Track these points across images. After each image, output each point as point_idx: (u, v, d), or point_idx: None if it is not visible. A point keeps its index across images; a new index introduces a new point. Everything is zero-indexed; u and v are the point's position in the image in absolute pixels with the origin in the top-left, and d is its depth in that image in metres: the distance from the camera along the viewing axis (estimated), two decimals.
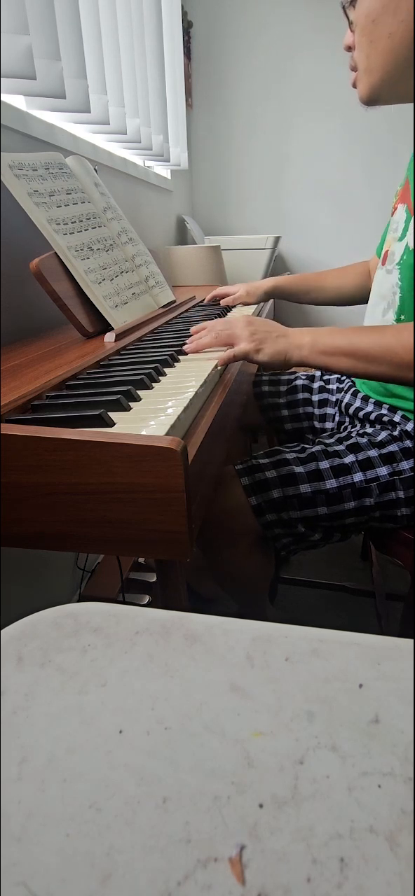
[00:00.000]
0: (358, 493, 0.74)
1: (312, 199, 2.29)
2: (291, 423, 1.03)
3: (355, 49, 0.70)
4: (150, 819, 0.18)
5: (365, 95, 0.71)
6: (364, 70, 0.69)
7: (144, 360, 0.63)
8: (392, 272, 0.77)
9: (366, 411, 0.85)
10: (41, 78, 0.89)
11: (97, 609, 0.28)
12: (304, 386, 1.02)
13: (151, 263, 1.03)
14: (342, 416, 0.94)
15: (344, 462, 0.74)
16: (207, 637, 0.26)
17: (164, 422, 0.43)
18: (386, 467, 0.74)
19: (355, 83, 0.73)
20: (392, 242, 0.79)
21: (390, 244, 0.80)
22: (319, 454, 0.75)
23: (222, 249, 1.72)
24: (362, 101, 0.73)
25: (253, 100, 2.22)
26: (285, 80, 2.17)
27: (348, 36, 0.72)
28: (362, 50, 0.68)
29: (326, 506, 0.73)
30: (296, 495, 0.73)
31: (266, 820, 0.18)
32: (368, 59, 0.68)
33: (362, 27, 0.67)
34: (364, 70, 0.69)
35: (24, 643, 0.26)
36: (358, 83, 0.72)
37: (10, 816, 0.19)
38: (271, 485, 0.74)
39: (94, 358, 0.65)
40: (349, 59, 0.73)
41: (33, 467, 0.40)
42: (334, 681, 0.23)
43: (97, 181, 0.96)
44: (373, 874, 0.16)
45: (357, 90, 0.72)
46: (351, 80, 0.73)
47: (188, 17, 2.10)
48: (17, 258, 0.86)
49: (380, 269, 0.83)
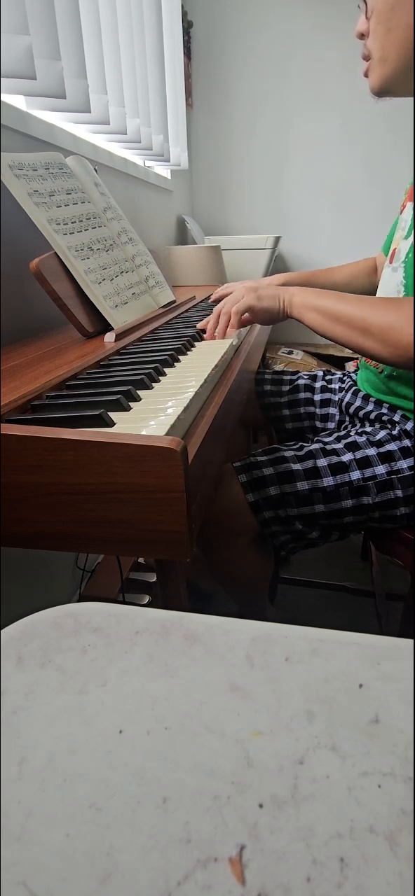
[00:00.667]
0: (356, 492, 0.74)
1: (312, 198, 2.29)
2: (291, 422, 1.03)
3: (368, 37, 0.69)
4: (150, 819, 0.18)
5: (377, 85, 0.70)
6: (378, 59, 0.68)
7: (144, 360, 0.63)
8: (398, 270, 0.77)
9: (366, 410, 0.85)
10: (41, 78, 0.89)
11: (97, 609, 0.28)
12: (306, 385, 1.02)
13: (151, 263, 1.03)
14: (343, 415, 0.94)
15: (342, 460, 0.74)
16: (207, 637, 0.26)
17: (164, 422, 0.43)
18: (384, 466, 0.74)
19: (366, 73, 0.71)
20: (400, 240, 0.79)
21: (397, 242, 0.80)
22: (316, 452, 0.75)
23: (222, 249, 1.72)
24: (373, 91, 0.71)
25: (253, 100, 2.22)
26: (285, 80, 2.17)
27: (361, 23, 0.70)
28: (378, 38, 0.67)
29: (323, 503, 0.73)
30: (293, 492, 0.73)
31: (266, 820, 0.18)
32: (383, 48, 0.67)
33: (380, 14, 0.66)
34: (378, 59, 0.68)
35: (24, 643, 0.26)
36: (370, 73, 0.70)
37: (10, 816, 0.19)
38: (269, 482, 0.74)
39: (95, 358, 0.65)
40: (362, 48, 0.71)
41: (33, 467, 0.40)
42: (334, 681, 0.23)
43: (97, 181, 0.96)
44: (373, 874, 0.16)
45: (369, 80, 0.71)
46: (363, 69, 0.72)
47: (188, 17, 2.09)
48: (17, 258, 0.86)
49: (387, 266, 0.83)
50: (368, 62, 0.71)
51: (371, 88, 0.71)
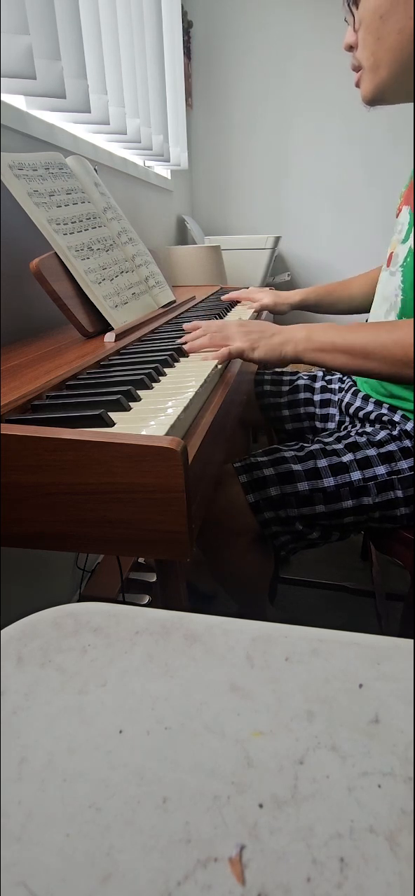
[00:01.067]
0: (356, 492, 0.74)
1: (312, 198, 2.29)
2: (291, 422, 1.03)
3: (357, 48, 0.69)
4: (150, 819, 0.18)
5: (369, 94, 0.70)
6: (370, 68, 0.68)
7: (144, 360, 0.63)
8: (396, 274, 0.77)
9: (366, 411, 0.85)
10: (41, 78, 0.89)
11: (97, 609, 0.28)
12: (305, 386, 1.02)
13: (151, 263, 1.03)
14: (343, 415, 0.94)
15: (342, 461, 0.74)
16: (207, 637, 0.26)
17: (164, 422, 0.43)
18: (384, 466, 0.74)
19: (358, 83, 0.72)
20: (397, 244, 0.79)
21: (394, 246, 0.80)
22: (317, 452, 0.75)
23: (222, 249, 1.72)
24: (366, 100, 0.72)
25: (253, 100, 2.22)
26: (285, 80, 2.17)
27: (349, 35, 0.70)
28: (368, 47, 0.67)
29: (323, 504, 0.73)
30: (293, 493, 0.73)
31: (266, 820, 0.18)
32: (374, 56, 0.67)
33: (369, 23, 0.66)
34: (370, 68, 0.68)
35: (24, 643, 0.26)
36: (362, 82, 0.70)
37: (10, 816, 0.19)
38: (269, 482, 0.74)
39: (95, 358, 0.65)
40: (351, 59, 0.72)
41: (33, 467, 0.40)
42: (334, 681, 0.23)
43: (97, 181, 0.96)
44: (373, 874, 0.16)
45: (361, 90, 0.71)
46: (355, 79, 0.72)
47: (188, 17, 2.09)
48: (17, 258, 0.86)
49: (384, 270, 0.83)
50: (358, 73, 0.71)
51: (363, 98, 0.72)
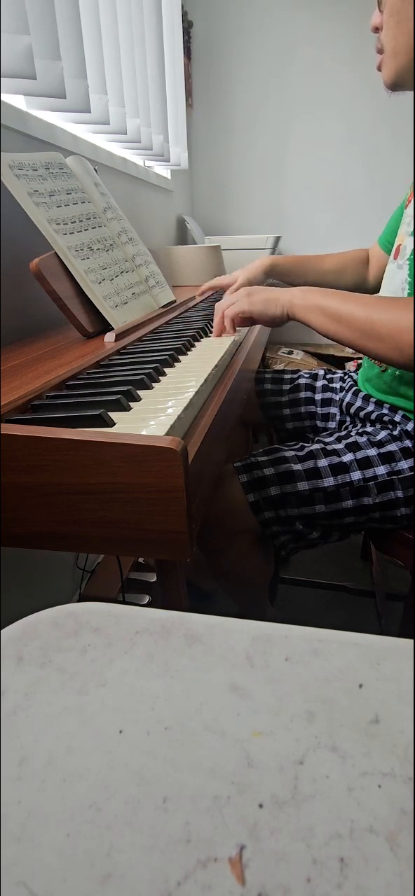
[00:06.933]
0: (356, 492, 0.74)
1: (311, 198, 2.29)
2: (292, 421, 1.03)
3: (382, 30, 0.69)
4: (150, 819, 0.18)
5: (390, 79, 0.70)
6: (391, 52, 0.68)
7: (144, 360, 0.63)
8: (403, 267, 0.77)
9: (367, 411, 0.85)
10: (41, 78, 0.89)
11: (97, 609, 0.28)
12: (307, 384, 1.02)
13: (151, 263, 1.03)
14: (343, 415, 0.94)
15: (342, 461, 0.74)
16: (207, 637, 0.26)
17: (164, 422, 0.43)
18: (385, 466, 0.74)
19: (380, 66, 0.72)
20: (404, 237, 0.78)
21: (402, 238, 0.79)
22: (317, 452, 0.75)
23: (222, 249, 1.72)
24: (387, 84, 0.72)
25: (253, 100, 2.22)
26: (285, 80, 2.17)
27: (376, 16, 0.70)
28: (390, 30, 0.67)
29: (324, 504, 0.73)
30: (294, 493, 0.73)
31: (266, 820, 0.18)
32: (394, 41, 0.67)
33: (392, 6, 0.66)
34: (391, 52, 0.68)
35: (24, 643, 0.26)
36: (383, 66, 0.70)
37: (10, 816, 0.19)
38: (269, 482, 0.74)
39: (95, 358, 0.65)
40: (376, 41, 0.72)
41: (33, 467, 0.40)
42: (334, 681, 0.23)
43: (97, 181, 0.96)
44: (373, 874, 0.16)
45: (382, 73, 0.71)
46: (377, 62, 0.72)
47: (188, 17, 2.09)
48: (17, 258, 0.86)
49: (391, 262, 0.83)
50: (381, 55, 0.71)
51: (385, 82, 0.72)
